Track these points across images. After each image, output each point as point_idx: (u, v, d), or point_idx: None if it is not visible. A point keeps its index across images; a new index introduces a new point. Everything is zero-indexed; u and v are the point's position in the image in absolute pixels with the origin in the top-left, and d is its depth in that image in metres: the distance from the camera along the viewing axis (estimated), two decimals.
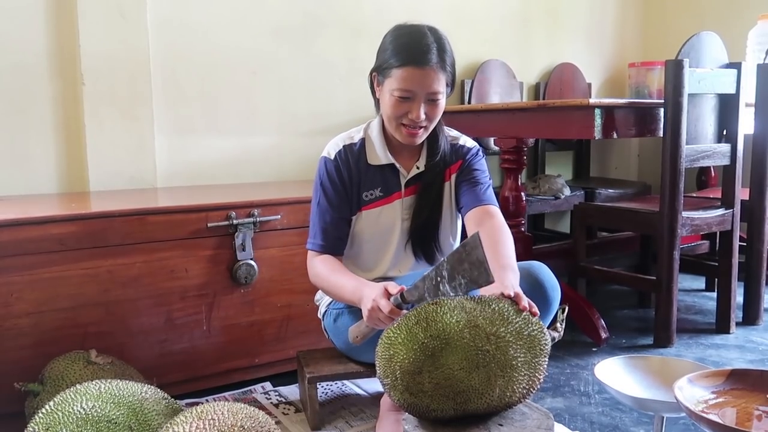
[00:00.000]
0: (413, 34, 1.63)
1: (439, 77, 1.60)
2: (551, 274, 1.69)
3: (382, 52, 1.67)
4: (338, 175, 1.74)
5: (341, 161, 1.74)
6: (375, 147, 1.75)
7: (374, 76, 1.70)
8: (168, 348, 1.95)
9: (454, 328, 1.25)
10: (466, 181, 1.76)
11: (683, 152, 2.36)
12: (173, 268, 1.94)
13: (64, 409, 1.32)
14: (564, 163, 3.85)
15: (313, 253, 1.75)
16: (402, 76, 1.59)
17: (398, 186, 1.76)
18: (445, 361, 1.23)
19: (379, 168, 1.75)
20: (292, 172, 2.82)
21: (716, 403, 1.26)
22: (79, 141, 2.34)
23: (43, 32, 2.27)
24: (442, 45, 1.62)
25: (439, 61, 1.60)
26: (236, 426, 1.24)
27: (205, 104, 2.61)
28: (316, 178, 1.77)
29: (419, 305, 1.32)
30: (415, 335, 1.26)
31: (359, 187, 1.75)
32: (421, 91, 1.60)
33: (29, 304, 1.74)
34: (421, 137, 1.68)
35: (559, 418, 1.87)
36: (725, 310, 2.61)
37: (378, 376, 1.31)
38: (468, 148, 1.80)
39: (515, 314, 1.31)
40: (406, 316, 1.31)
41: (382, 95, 1.67)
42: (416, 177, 1.76)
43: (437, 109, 1.65)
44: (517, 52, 3.54)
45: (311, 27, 2.83)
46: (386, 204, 1.76)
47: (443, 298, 1.33)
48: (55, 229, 1.76)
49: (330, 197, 1.73)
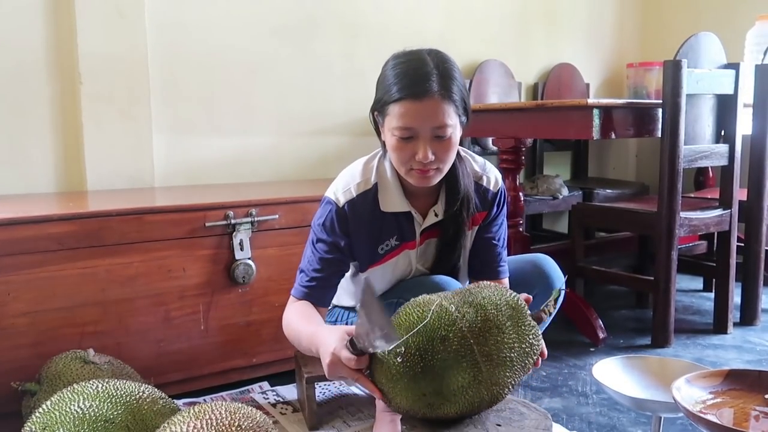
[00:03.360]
0: (411, 62, 1.42)
1: (443, 108, 1.38)
2: (556, 266, 1.68)
3: (379, 85, 1.47)
4: (343, 227, 1.53)
5: (351, 212, 1.53)
6: (389, 192, 1.54)
7: (375, 116, 1.50)
8: (165, 347, 1.95)
9: (459, 388, 1.22)
10: (486, 240, 1.62)
11: (681, 153, 2.36)
12: (171, 268, 1.93)
13: (61, 408, 1.32)
14: (562, 164, 3.85)
15: (292, 299, 1.58)
16: (400, 111, 1.39)
17: (413, 235, 1.58)
18: (442, 410, 1.25)
19: (394, 215, 1.56)
20: (290, 172, 2.82)
21: (714, 403, 1.26)
22: (77, 140, 2.34)
23: (42, 32, 2.27)
24: (446, 70, 1.41)
25: (441, 89, 1.38)
26: (234, 425, 1.23)
27: (203, 104, 2.61)
28: (318, 219, 1.57)
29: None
30: (417, 386, 1.21)
31: (375, 239, 1.56)
32: (423, 126, 1.39)
33: (26, 303, 1.73)
34: (435, 178, 1.47)
35: (557, 418, 1.87)
36: (723, 311, 2.61)
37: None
38: (494, 194, 1.62)
39: (517, 338, 1.28)
40: (409, 355, 1.20)
41: (385, 136, 1.47)
42: (433, 225, 1.58)
43: (448, 146, 1.42)
44: (516, 52, 3.54)
45: (310, 27, 2.83)
46: (400, 253, 1.59)
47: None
48: (52, 228, 1.76)
49: (328, 249, 1.53)
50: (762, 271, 2.70)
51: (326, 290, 1.57)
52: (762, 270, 2.70)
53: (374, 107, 1.50)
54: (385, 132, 1.47)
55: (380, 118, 1.48)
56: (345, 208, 1.53)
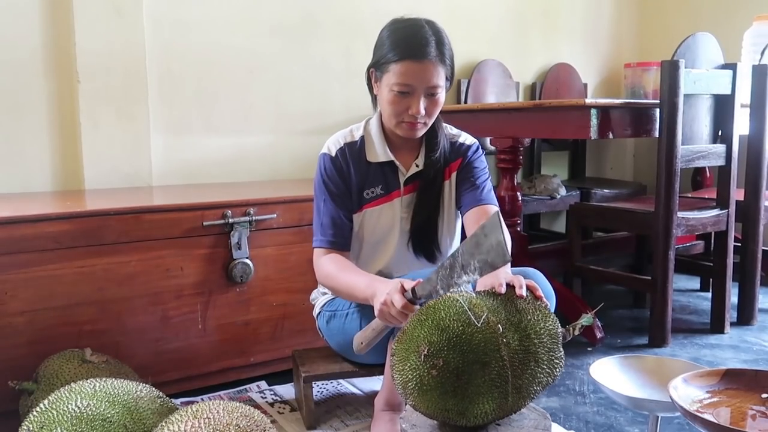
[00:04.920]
0: (410, 27, 1.60)
1: (438, 71, 1.58)
2: (546, 281, 1.66)
3: (379, 47, 1.64)
4: (339, 171, 1.71)
5: (342, 158, 1.71)
6: (375, 144, 1.73)
7: (372, 72, 1.67)
8: (163, 347, 1.95)
9: (482, 413, 1.21)
10: (465, 180, 1.74)
11: (679, 153, 2.37)
12: (169, 267, 1.93)
13: (58, 407, 1.32)
14: (560, 163, 3.85)
15: (320, 252, 1.70)
16: (400, 70, 1.56)
17: (397, 184, 1.74)
18: (456, 423, 1.24)
19: (379, 165, 1.72)
20: (288, 171, 2.82)
21: (711, 402, 1.26)
22: (74, 139, 2.34)
23: (39, 29, 2.26)
24: (441, 38, 1.60)
25: (437, 54, 1.57)
26: (232, 425, 1.24)
27: (201, 103, 2.61)
28: (317, 175, 1.74)
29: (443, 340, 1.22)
30: (444, 402, 1.20)
31: (361, 185, 1.72)
32: (420, 85, 1.57)
33: (24, 302, 1.73)
34: (421, 131, 1.66)
35: (555, 417, 1.87)
36: (720, 311, 2.61)
37: (391, 360, 1.30)
38: (467, 146, 1.78)
39: (549, 372, 1.28)
40: (447, 372, 1.19)
41: (380, 91, 1.64)
42: (415, 175, 1.73)
43: (437, 104, 1.62)
44: (514, 52, 3.54)
45: (308, 26, 2.83)
46: (386, 202, 1.73)
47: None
48: (50, 227, 1.76)
49: (333, 193, 1.71)
50: (759, 270, 2.71)
51: (345, 232, 1.72)
52: (759, 270, 2.71)
53: (373, 65, 1.66)
54: (381, 87, 1.63)
55: (378, 74, 1.64)
56: (337, 156, 1.72)
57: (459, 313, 1.24)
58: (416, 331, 1.24)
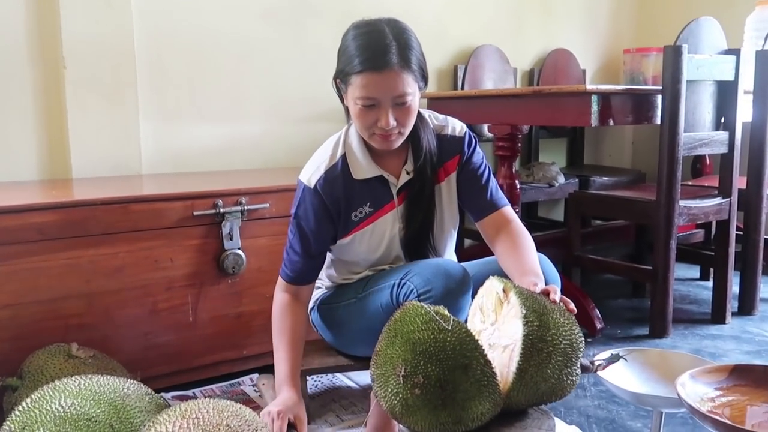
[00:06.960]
0: (369, 34, 1.48)
1: (403, 78, 1.45)
2: (551, 265, 1.64)
3: (340, 55, 1.54)
4: (318, 207, 1.60)
5: (323, 190, 1.59)
6: (358, 160, 1.61)
7: (338, 83, 1.57)
8: (153, 340, 1.90)
9: (479, 416, 1.18)
10: (468, 181, 1.66)
11: (681, 140, 2.32)
12: (158, 258, 1.88)
13: (41, 406, 1.27)
14: (558, 151, 3.80)
15: (280, 282, 1.70)
16: (362, 83, 1.46)
17: (389, 197, 1.64)
18: (456, 430, 1.20)
19: (366, 182, 1.62)
20: (281, 159, 2.76)
21: (722, 402, 1.22)
22: (61, 126, 2.27)
23: (23, 14, 2.19)
24: (404, 41, 1.47)
25: (400, 61, 1.45)
26: (222, 425, 1.19)
27: (192, 89, 2.54)
28: (294, 203, 1.64)
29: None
30: (437, 417, 1.16)
31: (347, 210, 1.62)
32: (385, 96, 1.46)
33: (8, 295, 1.68)
34: (397, 141, 1.55)
35: (555, 411, 1.83)
36: (721, 301, 2.58)
37: (373, 385, 1.26)
38: (459, 138, 1.67)
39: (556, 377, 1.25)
40: (429, 386, 1.15)
41: (348, 103, 1.54)
42: (408, 183, 1.63)
43: (408, 111, 1.50)
44: (511, 37, 3.48)
45: (301, 11, 2.76)
46: (379, 218, 1.64)
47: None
48: (34, 217, 1.70)
49: (303, 231, 1.62)
50: (761, 260, 2.67)
51: (310, 272, 1.67)
52: (761, 259, 2.67)
53: (337, 76, 1.56)
54: (348, 99, 1.53)
55: (343, 86, 1.54)
56: (317, 187, 1.60)
57: (426, 321, 1.19)
58: (388, 350, 1.20)
